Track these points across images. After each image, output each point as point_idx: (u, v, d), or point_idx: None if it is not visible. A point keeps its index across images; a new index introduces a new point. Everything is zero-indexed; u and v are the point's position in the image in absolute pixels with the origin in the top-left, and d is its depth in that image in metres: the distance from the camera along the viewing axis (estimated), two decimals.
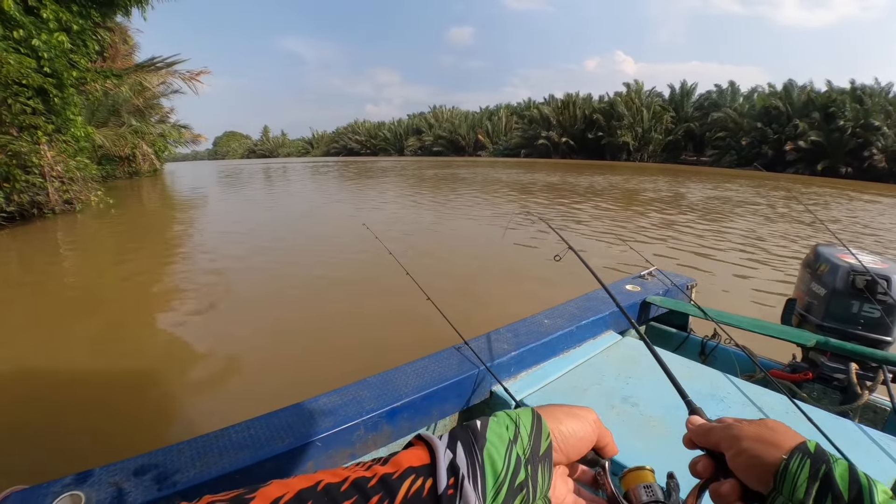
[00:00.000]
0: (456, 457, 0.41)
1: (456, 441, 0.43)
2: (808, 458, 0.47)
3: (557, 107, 56.36)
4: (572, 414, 0.52)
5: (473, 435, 0.44)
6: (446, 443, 0.43)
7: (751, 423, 0.53)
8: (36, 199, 10.19)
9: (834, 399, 1.90)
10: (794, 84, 39.07)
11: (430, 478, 0.40)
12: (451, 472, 0.40)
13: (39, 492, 1.02)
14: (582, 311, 1.98)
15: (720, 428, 0.55)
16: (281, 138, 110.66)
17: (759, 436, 0.51)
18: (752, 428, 0.52)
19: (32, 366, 3.78)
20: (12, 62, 8.52)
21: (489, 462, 0.42)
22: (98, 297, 5.68)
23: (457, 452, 0.42)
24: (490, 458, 0.42)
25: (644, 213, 12.13)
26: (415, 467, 0.40)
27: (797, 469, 0.46)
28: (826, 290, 1.98)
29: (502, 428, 0.46)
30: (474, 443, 0.43)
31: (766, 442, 0.50)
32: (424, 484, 0.39)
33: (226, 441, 1.21)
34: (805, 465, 0.46)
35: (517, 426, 0.46)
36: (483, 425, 0.46)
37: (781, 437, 0.50)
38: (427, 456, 0.42)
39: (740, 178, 28.32)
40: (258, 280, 6.34)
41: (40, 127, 9.71)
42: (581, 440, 0.51)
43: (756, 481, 0.49)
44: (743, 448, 0.51)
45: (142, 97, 24.22)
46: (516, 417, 0.47)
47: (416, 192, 17.78)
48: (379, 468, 0.40)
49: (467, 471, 0.41)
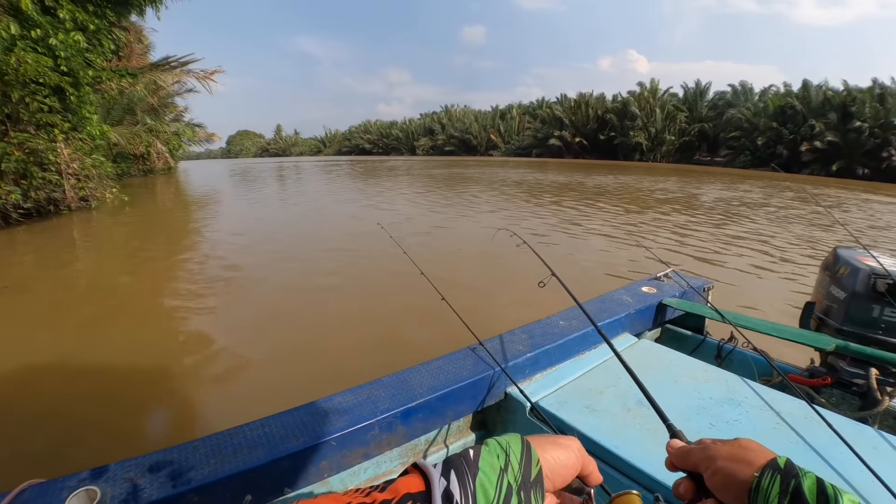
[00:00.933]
0: (450, 484, 0.42)
1: (450, 469, 0.44)
2: (779, 474, 0.49)
3: (570, 106, 56.08)
4: (557, 443, 0.53)
5: (466, 464, 0.45)
6: (440, 471, 0.44)
7: (725, 443, 0.57)
8: (52, 196, 10.34)
9: (853, 405, 1.87)
10: (811, 83, 38.45)
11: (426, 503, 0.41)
12: (445, 499, 0.41)
13: (56, 486, 1.03)
14: (597, 313, 1.96)
15: (697, 450, 0.58)
16: (294, 137, 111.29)
17: (733, 455, 0.54)
18: (726, 448, 0.56)
19: (48, 360, 3.83)
20: (30, 61, 8.65)
21: (481, 491, 0.43)
22: (113, 293, 5.74)
23: (450, 480, 0.43)
24: (482, 487, 0.44)
25: (658, 215, 12.03)
26: (412, 493, 0.42)
27: (769, 485, 0.49)
28: (846, 293, 1.94)
29: (493, 457, 0.47)
30: (467, 472, 0.44)
31: (739, 460, 0.53)
32: None
33: (240, 439, 1.21)
34: (776, 481, 0.49)
35: (507, 454, 0.47)
36: (475, 454, 0.47)
37: (753, 455, 0.53)
38: (422, 483, 0.43)
39: (755, 178, 28.00)
40: (271, 278, 6.37)
41: (57, 125, 9.85)
42: (566, 468, 0.52)
43: (732, 499, 0.52)
44: (718, 468, 0.54)
45: (156, 96, 24.49)
46: (506, 445, 0.49)
47: (428, 191, 17.78)
48: (377, 495, 0.41)
49: (461, 498, 0.42)
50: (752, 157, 41.19)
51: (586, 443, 1.32)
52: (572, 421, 1.40)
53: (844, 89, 35.34)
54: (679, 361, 1.77)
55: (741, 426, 1.34)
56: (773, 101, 40.94)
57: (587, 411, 1.45)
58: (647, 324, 2.17)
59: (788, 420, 1.38)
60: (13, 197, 9.12)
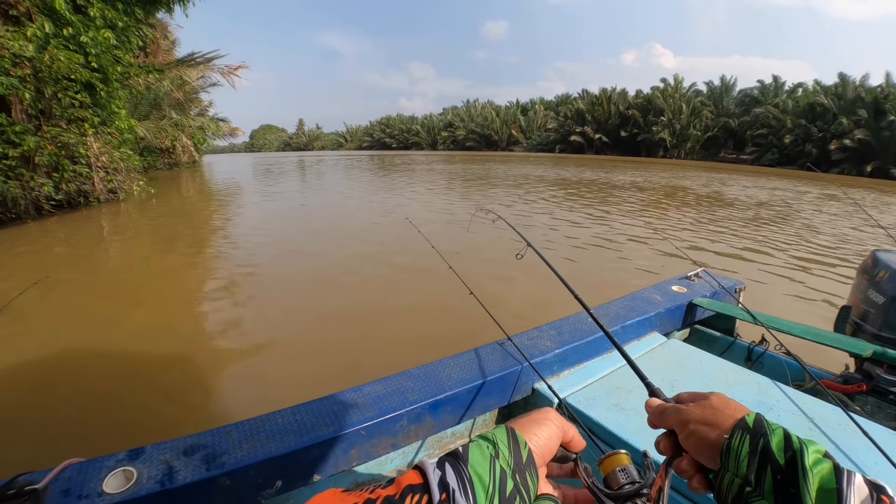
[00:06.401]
0: (445, 475, 0.45)
1: (444, 463, 0.47)
2: (748, 434, 0.51)
3: (592, 102, 55.46)
4: (537, 421, 0.56)
5: (457, 457, 0.47)
6: (436, 464, 0.47)
7: (697, 405, 0.58)
8: (82, 188, 10.61)
9: (889, 414, 1.81)
10: (848, 77, 37.17)
11: (425, 494, 0.43)
12: (442, 487, 0.44)
13: (95, 465, 1.06)
14: (627, 311, 1.94)
15: (672, 412, 0.59)
16: (316, 132, 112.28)
17: (703, 418, 0.55)
18: (697, 410, 0.56)
19: (87, 347, 3.93)
20: (62, 58, 8.86)
21: (476, 477, 0.45)
22: (144, 282, 5.87)
23: (445, 471, 0.45)
24: (476, 473, 0.46)
25: (687, 212, 11.84)
26: (412, 485, 0.44)
27: (738, 446, 0.50)
28: (885, 297, 1.88)
29: (482, 448, 0.49)
30: (460, 463, 0.47)
31: (709, 423, 0.54)
32: (422, 499, 0.43)
33: (272, 425, 1.23)
34: (745, 441, 0.50)
35: (495, 444, 0.50)
36: (465, 449, 0.49)
37: (722, 417, 0.54)
38: (420, 478, 0.45)
39: (783, 177, 27.36)
40: (299, 270, 6.45)
41: (87, 120, 10.08)
42: (550, 440, 0.55)
43: (707, 460, 0.54)
44: (690, 431, 0.56)
45: (182, 91, 24.92)
46: (492, 436, 0.51)
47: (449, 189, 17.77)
48: (381, 490, 0.44)
49: (457, 485, 0.44)
50: (780, 155, 40.23)
51: (615, 441, 1.32)
52: (600, 419, 1.39)
53: (881, 84, 34.04)
54: (709, 362, 1.74)
55: None
56: (802, 98, 39.90)
57: (615, 409, 1.44)
58: (676, 323, 2.14)
59: (822, 426, 1.35)
60: (46, 189, 9.37)
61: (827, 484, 0.45)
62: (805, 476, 0.45)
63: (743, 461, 0.49)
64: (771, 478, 0.47)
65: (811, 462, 0.46)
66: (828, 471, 0.46)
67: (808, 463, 0.46)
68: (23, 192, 9.06)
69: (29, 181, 9.02)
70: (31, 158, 8.99)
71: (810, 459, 0.47)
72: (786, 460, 0.47)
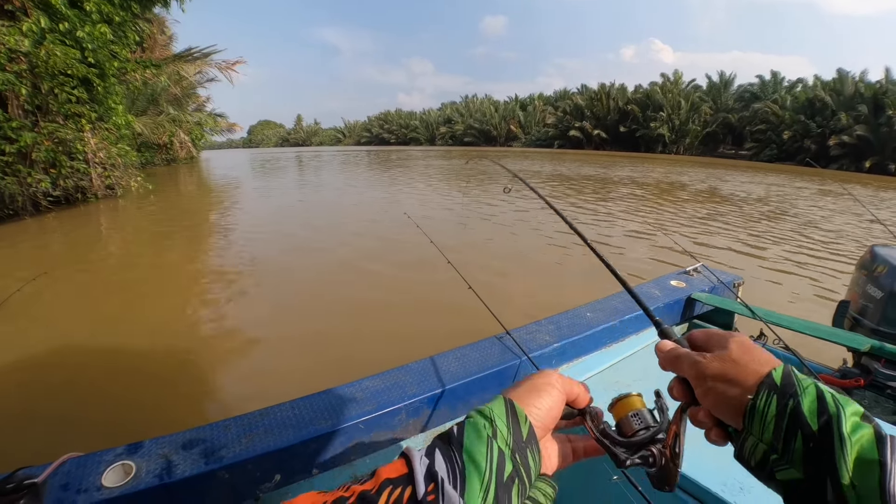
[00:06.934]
0: (434, 463, 0.41)
1: (434, 449, 0.43)
2: (775, 394, 0.44)
3: (591, 97, 55.39)
4: (535, 388, 0.51)
5: (450, 441, 0.44)
6: (424, 451, 0.43)
7: (715, 357, 0.50)
8: (80, 185, 10.60)
9: (887, 408, 1.81)
10: (846, 73, 37.12)
11: (408, 486, 0.39)
12: (429, 478, 0.40)
13: (94, 459, 1.06)
14: (625, 305, 1.94)
15: (687, 362, 0.52)
16: (314, 127, 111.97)
17: (723, 373, 0.48)
18: (715, 364, 0.49)
19: (84, 343, 3.94)
20: (59, 53, 8.82)
21: (471, 464, 0.41)
22: (141, 278, 5.87)
23: (434, 458, 0.41)
24: (471, 458, 0.42)
25: (685, 208, 11.85)
26: (392, 479, 0.40)
27: (764, 407, 0.44)
28: (883, 292, 1.89)
29: (479, 427, 0.45)
30: (452, 448, 0.43)
31: (730, 381, 0.48)
32: (404, 493, 0.39)
33: (271, 419, 1.23)
34: (771, 403, 0.44)
35: (492, 421, 0.45)
36: (459, 430, 0.45)
37: (745, 372, 0.48)
38: (405, 467, 0.41)
39: (781, 172, 27.39)
40: (297, 265, 6.46)
41: (84, 115, 10.05)
42: (552, 409, 0.50)
43: (727, 419, 0.48)
44: (709, 388, 0.49)
45: (179, 86, 24.81)
46: (490, 412, 0.46)
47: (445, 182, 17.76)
48: (356, 487, 0.40)
49: (447, 474, 0.40)
50: (779, 151, 40.24)
51: None
52: None
53: (879, 80, 34.04)
54: None
55: None
56: (801, 93, 39.88)
57: None
58: (675, 318, 2.14)
59: None
60: (43, 185, 9.36)
61: (867, 454, 0.39)
62: (843, 445, 0.39)
63: (769, 425, 0.44)
64: (801, 445, 0.41)
65: (849, 428, 0.40)
66: (868, 439, 0.40)
67: (846, 430, 0.40)
68: (20, 188, 9.03)
69: (26, 177, 9.00)
70: (28, 154, 8.96)
71: (848, 425, 0.40)
72: (819, 426, 0.41)
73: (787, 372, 0.46)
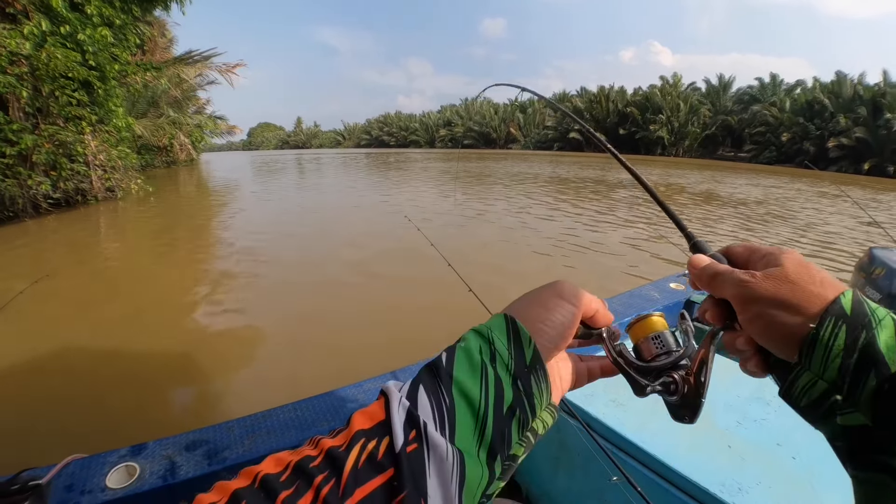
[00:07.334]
0: (417, 405, 0.34)
1: (417, 387, 0.36)
2: (844, 324, 0.37)
3: (590, 99, 55.52)
4: (543, 303, 0.43)
5: (437, 373, 0.37)
6: (406, 390, 0.36)
7: (767, 277, 0.41)
8: (80, 187, 10.59)
9: None
10: (844, 75, 37.26)
11: (385, 437, 0.33)
12: (410, 424, 0.33)
13: (98, 461, 1.07)
14: (625, 308, 1.95)
15: (731, 281, 0.44)
16: (313, 130, 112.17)
17: (778, 297, 0.40)
18: (768, 285, 0.41)
19: (86, 345, 3.94)
20: (60, 56, 8.84)
21: (462, 398, 0.35)
22: (142, 281, 5.87)
23: (418, 399, 0.35)
24: (462, 393, 0.35)
25: (684, 210, 11.83)
26: (365, 430, 0.34)
27: (829, 339, 0.37)
28: (881, 294, 1.90)
29: (474, 352, 0.38)
30: (439, 382, 0.36)
31: (788, 306, 0.39)
32: (379, 445, 0.32)
33: (273, 421, 1.24)
34: (839, 334, 0.37)
35: (491, 342, 0.39)
36: (449, 358, 0.38)
37: (805, 296, 0.39)
38: (382, 411, 0.35)
39: (781, 175, 27.41)
40: (297, 269, 6.46)
41: (85, 118, 10.07)
42: (564, 328, 0.43)
43: (776, 349, 0.41)
44: (757, 313, 0.41)
45: (179, 89, 24.83)
46: (487, 331, 0.40)
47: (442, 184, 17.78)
48: (327, 441, 0.34)
49: (433, 416, 0.34)
50: (778, 153, 40.32)
51: (614, 437, 1.32)
52: (599, 414, 1.40)
53: (878, 83, 34.19)
54: None
55: (769, 424, 1.33)
56: (800, 96, 39.98)
57: (614, 405, 1.45)
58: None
59: None
60: (43, 187, 9.36)
61: None
62: None
63: (833, 361, 0.36)
64: (873, 387, 0.35)
65: None
66: None
67: None
68: (20, 190, 9.04)
69: (26, 179, 9.01)
70: (28, 157, 8.97)
71: None
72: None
73: (858, 299, 0.39)
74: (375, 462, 0.31)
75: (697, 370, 0.44)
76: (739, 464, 1.14)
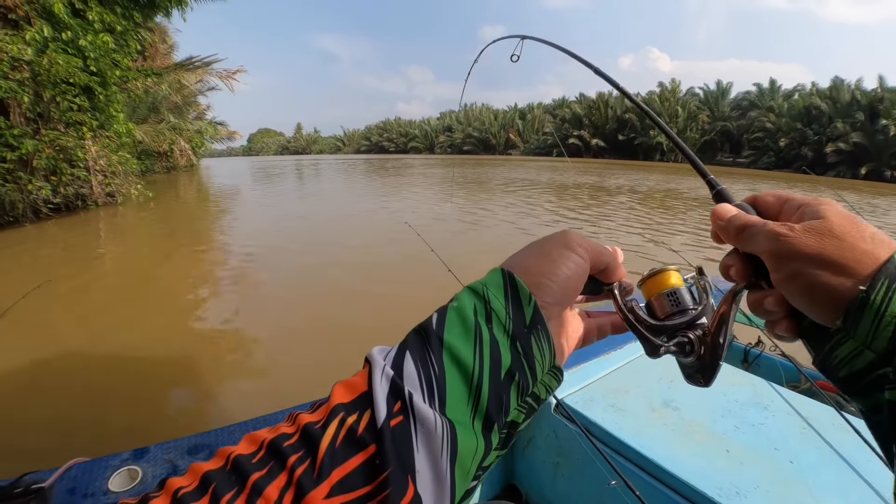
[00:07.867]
0: (402, 374, 0.31)
1: (403, 353, 0.33)
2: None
3: (589, 106, 55.74)
4: (546, 254, 0.39)
5: (426, 336, 0.34)
6: (391, 359, 0.32)
7: (808, 230, 0.36)
8: (80, 192, 10.60)
9: None
10: (841, 81, 37.45)
11: (366, 410, 0.30)
12: (394, 395, 0.30)
13: (100, 465, 1.08)
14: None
15: (764, 234, 0.38)
16: (313, 136, 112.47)
17: (822, 254, 0.35)
18: (810, 240, 0.35)
19: (88, 350, 3.94)
20: (61, 62, 8.87)
21: (453, 364, 0.32)
22: (142, 285, 5.87)
23: (404, 367, 0.32)
24: (454, 358, 0.32)
25: (681, 216, 11.89)
26: (344, 404, 0.30)
27: (882, 304, 0.32)
28: None
29: (467, 312, 0.35)
30: (428, 345, 0.33)
31: (832, 265, 0.34)
32: (360, 419, 0.29)
33: (274, 424, 1.24)
34: (892, 298, 0.31)
35: (486, 300, 0.35)
36: (439, 319, 0.35)
37: (855, 253, 0.34)
38: (364, 384, 0.32)
39: (780, 180, 27.47)
40: (298, 273, 6.46)
41: (85, 123, 10.08)
42: (570, 282, 0.38)
43: (815, 313, 0.36)
44: (795, 272, 0.36)
45: (180, 95, 24.91)
46: (482, 288, 0.36)
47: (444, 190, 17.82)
48: (305, 416, 0.31)
49: (420, 385, 0.31)
50: (776, 159, 40.46)
51: (613, 442, 1.33)
52: (598, 419, 1.41)
53: (874, 88, 34.40)
54: None
55: (767, 430, 1.33)
56: (798, 101, 40.17)
57: (612, 410, 1.45)
58: None
59: (816, 426, 1.37)
60: (44, 192, 9.37)
61: None
62: None
63: (885, 329, 0.31)
64: None
65: None
66: None
67: None
68: (21, 195, 9.04)
69: (27, 184, 9.01)
70: (29, 162, 8.99)
71: None
72: None
73: None
74: (355, 439, 0.29)
75: (716, 330, 0.40)
76: (737, 468, 1.15)
